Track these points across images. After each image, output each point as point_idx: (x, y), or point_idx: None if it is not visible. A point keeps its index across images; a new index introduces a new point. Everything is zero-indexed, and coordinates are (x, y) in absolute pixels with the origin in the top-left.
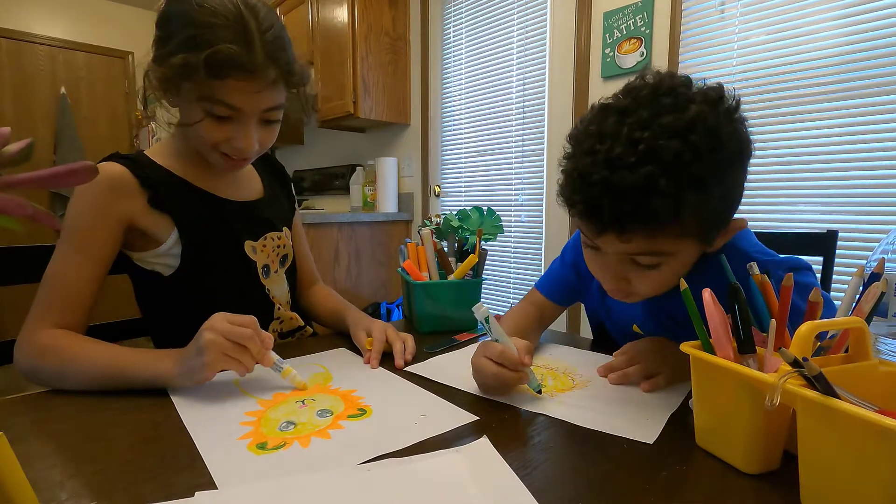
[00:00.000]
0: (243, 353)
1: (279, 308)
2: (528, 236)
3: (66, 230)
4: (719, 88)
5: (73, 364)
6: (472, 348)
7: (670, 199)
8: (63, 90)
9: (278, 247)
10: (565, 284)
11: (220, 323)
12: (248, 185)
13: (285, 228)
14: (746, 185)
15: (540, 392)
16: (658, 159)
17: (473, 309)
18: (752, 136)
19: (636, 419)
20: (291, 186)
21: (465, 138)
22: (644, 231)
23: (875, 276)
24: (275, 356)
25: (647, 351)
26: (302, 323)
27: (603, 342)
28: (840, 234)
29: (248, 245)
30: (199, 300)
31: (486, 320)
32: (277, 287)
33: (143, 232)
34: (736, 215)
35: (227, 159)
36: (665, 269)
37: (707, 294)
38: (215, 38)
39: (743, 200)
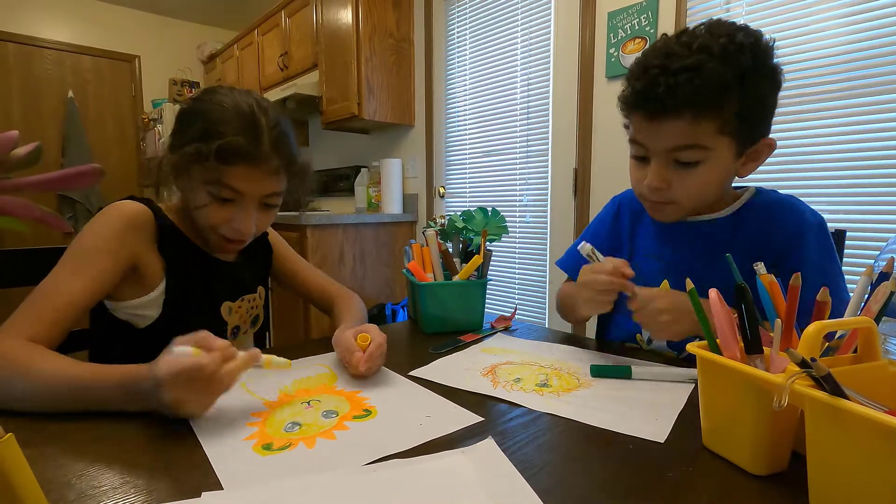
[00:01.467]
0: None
1: None
2: (533, 237)
3: (74, 251)
4: (759, 32)
5: (20, 376)
6: (477, 349)
7: (717, 78)
8: (70, 94)
9: (252, 307)
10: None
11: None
12: None
13: (260, 288)
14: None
15: (635, 294)
16: (709, 50)
17: (579, 248)
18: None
19: (645, 418)
20: (269, 240)
21: (470, 139)
22: (690, 113)
23: (884, 276)
24: (253, 351)
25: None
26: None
27: (604, 346)
28: (848, 233)
29: (226, 306)
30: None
31: (593, 253)
32: (242, 348)
33: (139, 275)
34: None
35: (225, 241)
36: (703, 171)
37: (714, 294)
38: (227, 130)
39: None
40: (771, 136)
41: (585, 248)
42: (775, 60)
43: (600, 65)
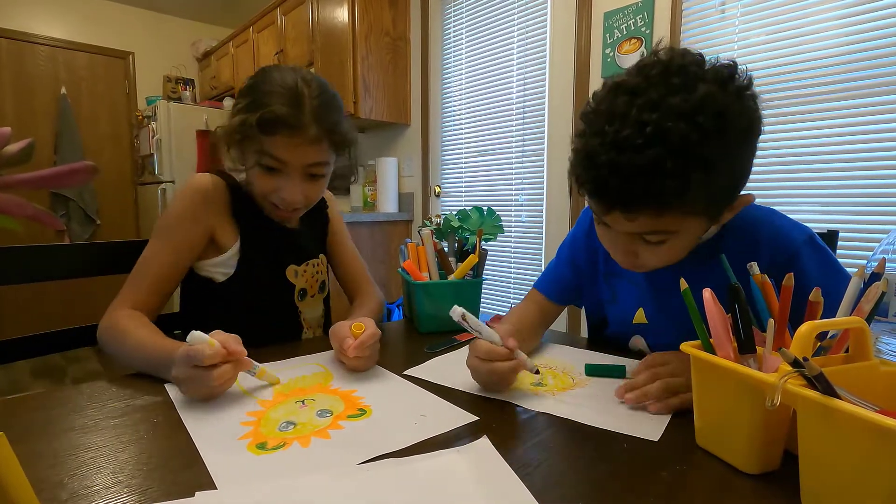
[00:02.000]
0: (220, 376)
1: (306, 331)
2: (529, 236)
3: (160, 226)
4: (731, 66)
5: (124, 344)
6: None
7: (677, 180)
8: (64, 90)
9: (317, 273)
10: (564, 282)
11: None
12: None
13: (322, 255)
14: (747, 185)
15: (538, 373)
16: (665, 141)
17: (450, 313)
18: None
19: (639, 417)
20: (328, 213)
21: (466, 138)
22: (650, 211)
23: (876, 276)
24: (251, 361)
25: (670, 366)
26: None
27: (599, 344)
28: (840, 234)
29: (291, 269)
30: (239, 308)
31: (464, 318)
32: (311, 311)
33: (216, 239)
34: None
35: (277, 209)
36: (672, 245)
37: (707, 294)
38: (270, 101)
39: None
40: (764, 136)
41: (456, 312)
42: (754, 97)
43: (596, 65)
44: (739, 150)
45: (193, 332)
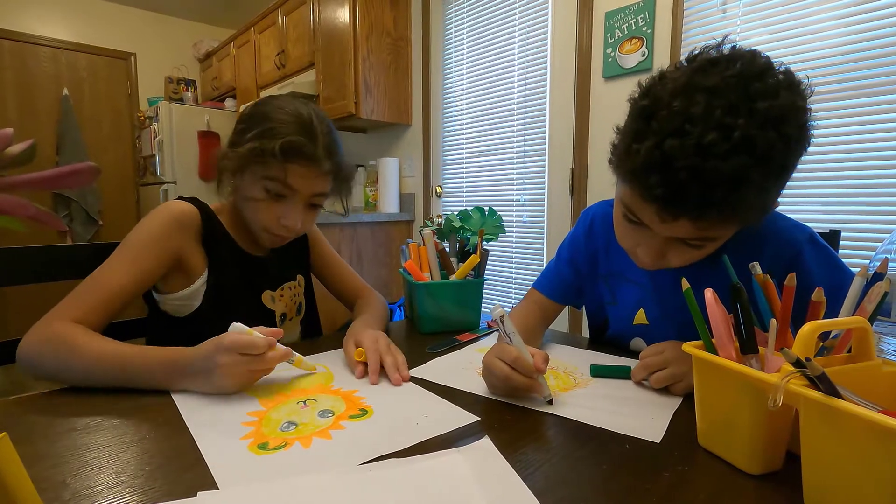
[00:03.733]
0: (263, 361)
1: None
2: (530, 236)
3: (125, 245)
4: (795, 75)
5: (74, 355)
6: (474, 348)
7: (757, 190)
8: (66, 91)
9: (294, 295)
10: (564, 282)
11: (221, 346)
12: (259, 244)
13: (299, 277)
14: None
15: (551, 402)
16: (753, 149)
17: (491, 310)
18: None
19: (641, 418)
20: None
21: (467, 138)
22: (718, 219)
23: (878, 276)
24: (283, 348)
25: (678, 354)
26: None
27: (601, 345)
28: (843, 234)
29: (267, 295)
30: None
31: (502, 320)
32: (290, 335)
33: (183, 268)
34: None
35: (272, 236)
36: (707, 248)
37: (709, 294)
38: (288, 131)
39: None
40: None
41: (496, 311)
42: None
43: (597, 65)
44: (799, 157)
45: (235, 323)
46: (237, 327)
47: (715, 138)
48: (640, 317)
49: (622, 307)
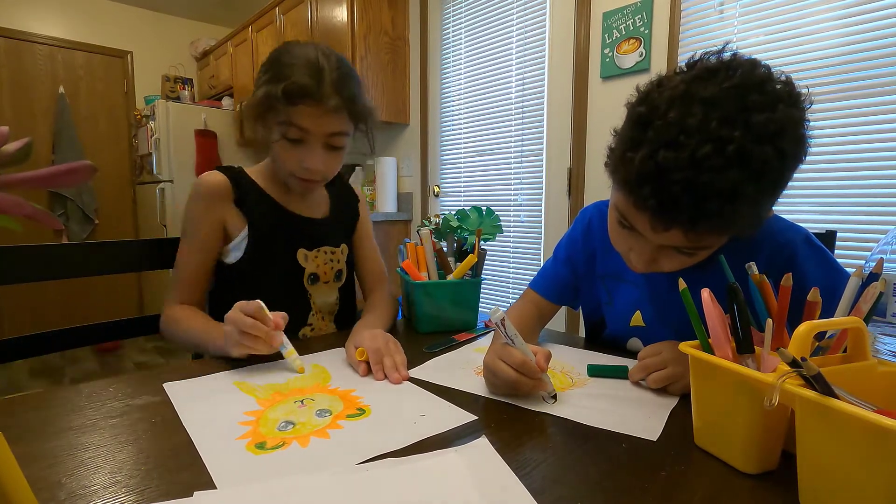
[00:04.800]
0: (254, 339)
1: (314, 314)
2: (527, 236)
3: (183, 230)
4: (795, 86)
5: (179, 332)
6: (471, 348)
7: (750, 204)
8: (62, 89)
9: (332, 260)
10: (561, 282)
11: (234, 313)
12: (317, 206)
13: (344, 245)
14: None
15: (555, 398)
16: (748, 164)
17: (490, 313)
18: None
19: (637, 417)
20: (358, 205)
21: (465, 138)
22: (712, 231)
23: (873, 276)
24: (283, 338)
25: (676, 355)
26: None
27: (597, 345)
28: (838, 234)
29: (301, 253)
30: (250, 289)
31: (503, 323)
32: (322, 296)
33: (226, 229)
34: None
35: (300, 181)
36: (699, 256)
37: (706, 294)
38: (292, 73)
39: None
40: None
41: (496, 314)
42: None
43: (595, 65)
44: (794, 170)
45: (257, 300)
46: (252, 305)
47: (709, 151)
48: (637, 318)
49: (618, 308)
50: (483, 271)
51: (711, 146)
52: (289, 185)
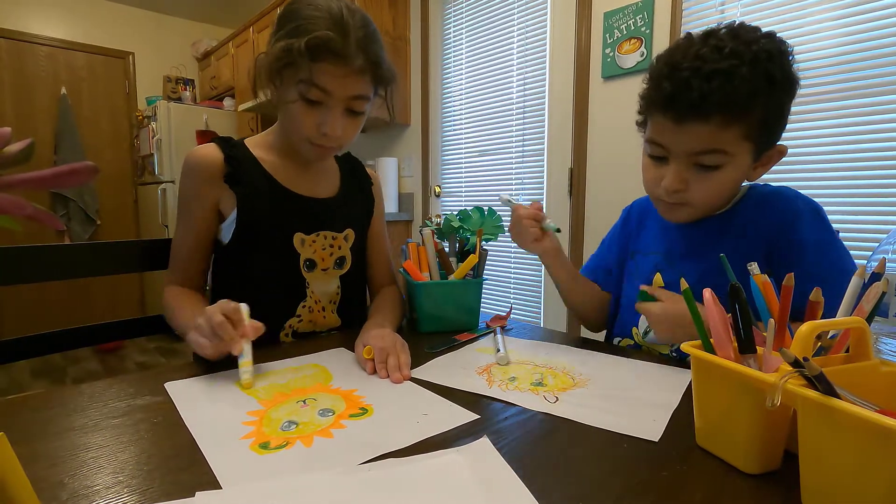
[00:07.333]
0: (218, 339)
1: (309, 300)
2: None
3: (178, 208)
4: (781, 40)
5: (173, 319)
6: (473, 348)
7: (748, 84)
8: (63, 90)
9: (331, 246)
10: (597, 260)
11: (211, 308)
12: (324, 185)
13: (349, 231)
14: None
15: (559, 231)
16: (740, 56)
17: (499, 197)
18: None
19: (639, 417)
20: (372, 191)
21: (466, 138)
22: (721, 117)
23: (876, 276)
24: (247, 347)
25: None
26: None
27: (597, 345)
28: (841, 233)
29: (298, 237)
30: (242, 274)
31: (509, 201)
32: (320, 284)
33: (220, 207)
34: None
35: (315, 147)
36: (723, 174)
37: (707, 293)
38: (316, 27)
39: None
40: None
41: (503, 197)
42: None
43: (596, 65)
44: (787, 92)
45: (242, 304)
46: (232, 306)
47: (708, 52)
48: (658, 280)
49: (642, 271)
50: (484, 271)
51: (711, 50)
52: (301, 152)
